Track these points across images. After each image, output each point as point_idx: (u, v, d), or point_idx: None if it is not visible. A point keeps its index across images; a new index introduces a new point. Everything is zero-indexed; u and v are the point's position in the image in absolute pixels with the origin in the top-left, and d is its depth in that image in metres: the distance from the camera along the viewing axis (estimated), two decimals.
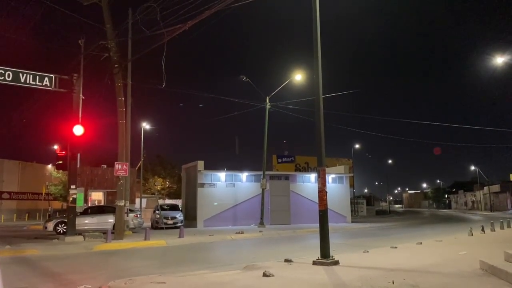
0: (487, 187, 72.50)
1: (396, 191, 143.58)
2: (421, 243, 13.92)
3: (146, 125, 37.40)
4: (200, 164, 27.59)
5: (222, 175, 28.56)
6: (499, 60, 24.66)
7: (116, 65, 17.42)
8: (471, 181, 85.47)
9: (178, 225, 24.31)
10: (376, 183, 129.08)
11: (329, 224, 9.82)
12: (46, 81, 16.64)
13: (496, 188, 69.83)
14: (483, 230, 18.71)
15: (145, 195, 42.22)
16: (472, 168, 79.76)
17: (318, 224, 9.73)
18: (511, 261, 7.80)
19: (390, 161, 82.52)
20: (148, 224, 26.85)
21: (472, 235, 16.97)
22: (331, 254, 9.43)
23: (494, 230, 19.48)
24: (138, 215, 24.00)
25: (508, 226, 22.02)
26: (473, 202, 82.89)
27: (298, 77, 26.37)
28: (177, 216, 26.01)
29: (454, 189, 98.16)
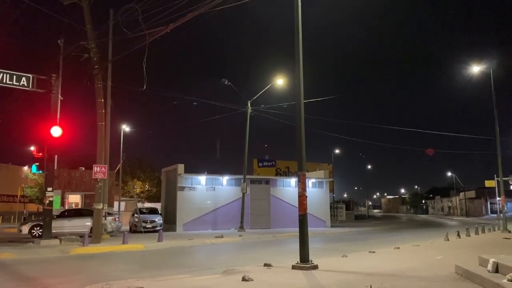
0: (463, 193, 74.01)
1: (375, 196, 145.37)
2: (398, 248, 14.13)
3: (126, 128, 36.97)
4: (180, 167, 27.42)
5: (202, 178, 28.43)
6: (475, 68, 25.34)
7: (96, 66, 17.20)
8: (447, 187, 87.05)
9: (157, 228, 24.05)
10: (356, 188, 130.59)
11: (309, 228, 9.87)
12: (23, 81, 16.28)
13: (471, 194, 71.35)
14: (458, 235, 19.11)
15: (124, 198, 41.66)
16: (449, 174, 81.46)
17: (298, 229, 9.78)
18: (485, 266, 7.97)
19: (369, 167, 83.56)
20: (126, 227, 26.49)
21: (448, 240, 17.31)
22: (310, 259, 9.48)
23: (469, 236, 19.93)
24: (117, 219, 23.67)
25: (483, 232, 22.55)
26: (449, 207, 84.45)
27: (280, 81, 26.50)
28: (156, 220, 25.74)
29: (431, 195, 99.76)
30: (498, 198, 28.54)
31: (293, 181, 31.03)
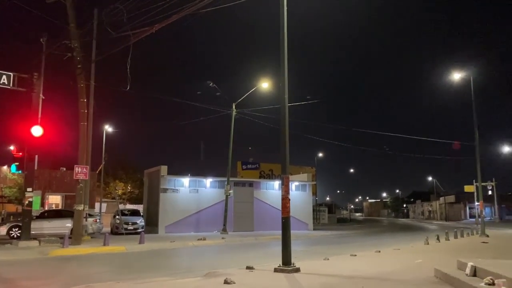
0: (443, 197, 75.21)
1: (357, 200, 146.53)
2: (379, 251, 14.29)
3: (108, 128, 36.57)
4: (164, 169, 27.24)
5: (185, 180, 28.28)
6: (456, 76, 25.81)
7: (79, 66, 16.99)
8: (428, 191, 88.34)
9: (139, 230, 23.83)
10: (338, 191, 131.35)
11: (292, 231, 9.92)
12: (3, 79, 15.99)
13: (451, 198, 72.51)
14: (438, 239, 19.41)
15: (106, 200, 41.18)
16: (430, 179, 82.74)
17: (280, 231, 9.81)
18: (463, 269, 8.12)
19: (351, 170, 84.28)
20: (107, 229, 26.20)
21: (428, 244, 17.57)
22: (292, 261, 9.52)
23: (449, 239, 20.27)
24: (98, 220, 23.38)
25: (462, 236, 22.96)
26: (429, 211, 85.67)
27: (265, 85, 26.56)
28: (138, 222, 25.52)
29: (412, 199, 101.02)
30: (476, 203, 29.09)
31: (276, 184, 31.11)
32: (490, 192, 58.03)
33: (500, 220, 58.09)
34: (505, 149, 46.29)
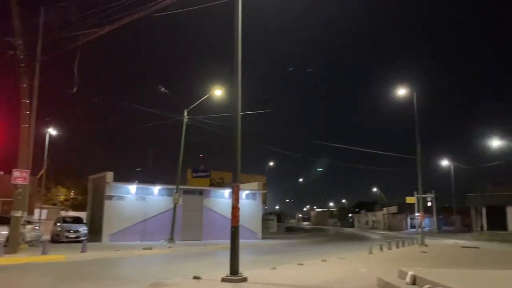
0: (387, 208, 78.19)
1: (305, 209, 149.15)
2: (326, 260, 14.58)
3: (52, 131, 34.92)
4: (109, 175, 26.36)
5: (132, 187, 27.52)
6: (401, 91, 27.08)
7: (22, 65, 16.17)
8: (373, 202, 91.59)
9: (81, 239, 22.86)
10: (287, 200, 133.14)
11: (241, 240, 9.89)
12: None
13: (394, 209, 75.46)
14: (381, 248, 20.12)
15: (47, 206, 39.22)
16: (375, 189, 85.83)
17: (229, 240, 9.75)
18: (404, 278, 8.45)
19: (301, 180, 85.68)
20: (47, 237, 24.94)
21: (371, 253, 18.16)
22: (240, 271, 9.49)
23: (391, 249, 21.06)
24: (37, 227, 22.21)
25: (403, 246, 23.92)
26: (373, 221, 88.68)
27: (218, 92, 26.45)
28: (80, 230, 24.47)
29: (357, 209, 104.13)
30: (417, 214, 30.45)
31: (227, 192, 30.98)
32: (429, 204, 61.06)
33: (438, 231, 61.15)
34: (444, 162, 49.09)
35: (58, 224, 24.36)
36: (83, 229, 24.74)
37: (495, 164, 40.27)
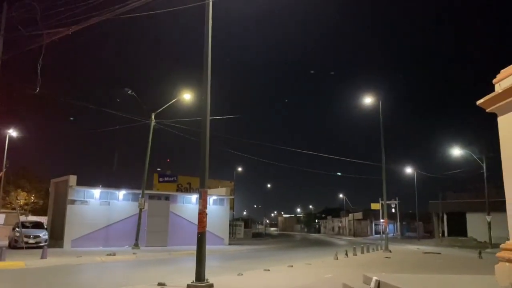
0: (352, 214, 79.57)
1: (272, 215, 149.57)
2: (292, 266, 14.63)
3: (12, 133, 33.66)
4: (72, 179, 25.57)
5: (96, 192, 26.79)
6: (367, 100, 27.69)
7: None
8: (339, 208, 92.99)
9: (42, 244, 22.04)
10: (255, 205, 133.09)
11: (207, 246, 9.78)
12: None
13: (359, 215, 76.91)
14: (346, 254, 20.40)
15: (5, 210, 37.73)
16: (341, 196, 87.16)
17: (196, 246, 9.62)
18: (368, 283, 8.56)
19: (268, 185, 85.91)
20: (5, 242, 23.92)
21: (337, 259, 18.38)
22: (206, 277, 9.37)
23: (356, 255, 21.39)
24: None
25: (368, 251, 24.35)
26: (339, 227, 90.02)
27: (187, 96, 26.27)
28: (40, 235, 23.56)
29: (324, 215, 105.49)
30: (381, 220, 31.11)
31: (194, 197, 30.67)
32: (393, 210, 62.53)
33: (401, 236, 62.68)
34: (407, 170, 50.44)
35: (17, 229, 23.37)
36: (43, 234, 23.84)
37: (456, 173, 41.70)
